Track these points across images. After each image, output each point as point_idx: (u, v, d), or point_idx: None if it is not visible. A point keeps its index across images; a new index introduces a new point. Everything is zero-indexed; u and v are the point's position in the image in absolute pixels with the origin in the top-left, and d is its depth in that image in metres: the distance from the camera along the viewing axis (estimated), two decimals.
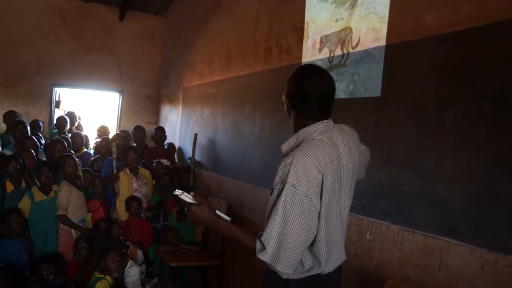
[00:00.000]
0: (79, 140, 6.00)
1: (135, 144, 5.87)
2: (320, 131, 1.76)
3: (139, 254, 4.70)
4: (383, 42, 2.93)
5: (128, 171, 5.15)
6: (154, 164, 5.66)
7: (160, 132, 6.03)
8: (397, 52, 2.83)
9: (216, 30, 5.56)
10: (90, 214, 4.72)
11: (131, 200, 4.93)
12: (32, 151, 4.82)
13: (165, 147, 6.20)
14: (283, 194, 1.62)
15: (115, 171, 5.05)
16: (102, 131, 6.66)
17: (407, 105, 2.70)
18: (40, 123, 6.32)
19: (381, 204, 2.80)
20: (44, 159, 5.13)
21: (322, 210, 1.65)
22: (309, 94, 1.80)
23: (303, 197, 1.60)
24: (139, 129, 6.11)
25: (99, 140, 6.20)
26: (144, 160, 5.63)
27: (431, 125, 2.54)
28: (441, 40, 2.52)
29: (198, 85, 6.02)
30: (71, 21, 7.10)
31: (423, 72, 2.63)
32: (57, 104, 7.50)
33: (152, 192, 5.26)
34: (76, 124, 7.08)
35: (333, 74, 2.62)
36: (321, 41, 3.54)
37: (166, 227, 4.96)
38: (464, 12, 2.39)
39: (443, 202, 2.41)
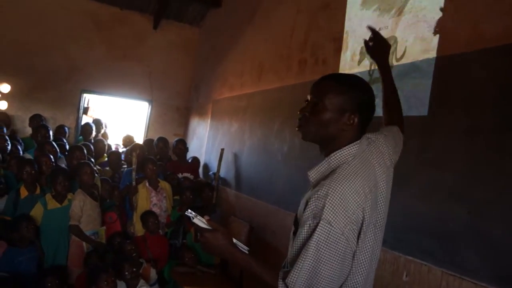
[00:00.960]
0: (101, 146, 5.80)
1: (158, 156, 5.60)
2: (354, 154, 1.49)
3: (153, 273, 4.39)
4: (433, 54, 2.57)
5: (147, 184, 4.89)
6: (181, 178, 5.38)
7: (181, 145, 5.73)
8: (449, 65, 2.47)
9: (250, 41, 5.30)
10: (104, 227, 4.46)
11: (148, 215, 4.64)
12: (51, 156, 4.62)
13: (189, 160, 5.91)
14: (316, 232, 1.35)
15: (134, 183, 4.79)
16: (128, 141, 6.46)
17: (458, 127, 2.33)
18: (66, 128, 6.16)
19: (422, 241, 2.41)
20: (64, 165, 4.93)
21: (361, 250, 1.41)
22: (369, 104, 1.56)
23: (339, 235, 1.35)
24: (162, 140, 5.84)
25: (125, 149, 6.01)
26: (168, 173, 5.35)
27: (487, 152, 2.16)
28: (503, 53, 2.14)
29: (228, 97, 5.76)
30: (104, 27, 6.98)
31: (479, 89, 2.25)
32: (85, 111, 7.37)
33: (173, 207, 4.97)
34: (102, 131, 6.91)
35: (373, 89, 2.31)
36: (361, 53, 3.21)
37: (184, 246, 4.64)
38: None
39: (499, 245, 2.01)
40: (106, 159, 5.88)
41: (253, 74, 5.01)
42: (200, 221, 1.58)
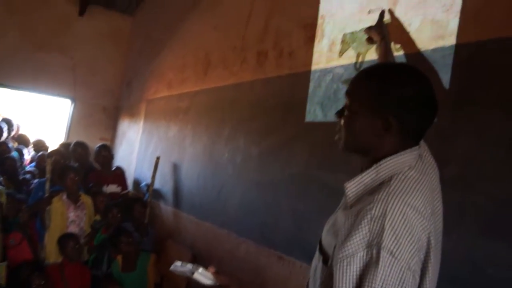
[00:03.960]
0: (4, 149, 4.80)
1: (76, 165, 4.61)
2: (410, 163, 1.17)
3: None
4: (451, 41, 1.92)
5: (64, 197, 3.95)
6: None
7: (105, 151, 4.74)
8: (475, 55, 1.83)
9: (194, 30, 4.52)
10: (4, 263, 3.48)
11: (67, 239, 3.73)
12: None
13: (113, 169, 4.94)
14: (380, 266, 1.02)
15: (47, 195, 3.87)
16: (39, 146, 5.45)
17: (487, 135, 1.70)
18: None
19: None
20: None
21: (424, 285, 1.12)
22: (416, 100, 1.17)
23: (405, 271, 1.04)
24: (80, 145, 4.80)
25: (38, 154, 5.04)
26: (91, 185, 4.40)
27: None
28: None
29: (165, 97, 4.92)
30: (18, 10, 5.91)
31: None
32: None
33: (92, 227, 4.05)
34: (13, 133, 5.82)
35: None
36: (343, 41, 2.52)
37: (108, 277, 3.74)
38: None
39: None
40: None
41: (198, 68, 4.23)
42: (202, 276, 1.26)
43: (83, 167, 4.57)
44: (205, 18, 4.32)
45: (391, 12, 2.23)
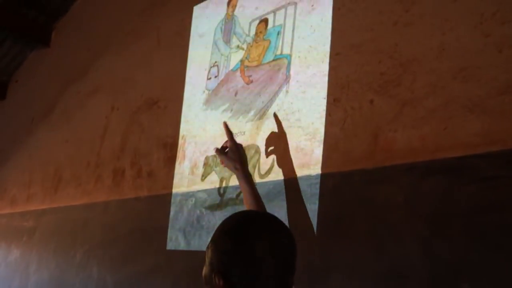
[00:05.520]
0: None
1: None
2: None
3: None
4: (316, 170, 1.92)
5: None
6: None
7: None
8: (341, 184, 1.84)
9: (43, 142, 4.15)
10: None
11: None
12: None
13: None
14: None
15: None
16: None
17: (358, 269, 1.66)
18: None
19: None
20: None
21: None
22: (258, 260, 1.02)
23: None
24: None
25: None
26: None
27: None
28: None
29: (7, 214, 4.35)
30: None
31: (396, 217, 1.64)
32: None
33: None
34: None
35: (225, 214, 1.90)
36: (206, 164, 2.43)
37: None
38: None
39: None
40: None
41: (47, 185, 3.82)
42: None
43: None
44: (56, 129, 4.01)
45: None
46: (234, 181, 2.25)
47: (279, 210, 1.95)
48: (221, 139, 2.36)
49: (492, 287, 1.37)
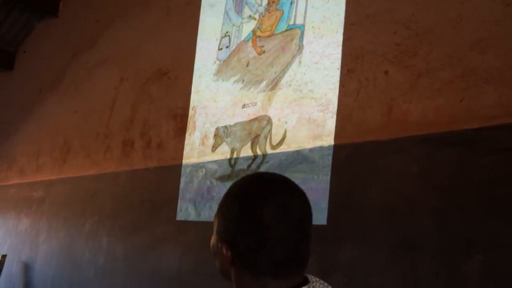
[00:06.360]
0: None
1: None
2: None
3: None
4: (328, 142, 1.92)
5: None
6: None
7: None
8: (355, 155, 1.83)
9: (51, 113, 4.15)
10: None
11: None
12: None
13: None
14: None
15: None
16: None
17: (371, 239, 1.67)
18: None
19: None
20: None
21: None
22: (266, 226, 0.86)
23: None
24: None
25: None
26: None
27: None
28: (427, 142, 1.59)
29: (16, 184, 4.38)
30: None
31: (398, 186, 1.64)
32: None
33: None
34: None
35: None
36: (216, 135, 2.43)
37: None
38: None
39: None
40: None
41: (56, 155, 3.84)
42: None
43: None
44: (65, 99, 4.00)
45: None
46: (245, 152, 2.26)
47: (295, 176, 1.94)
48: (232, 110, 2.37)
49: (505, 259, 1.38)
